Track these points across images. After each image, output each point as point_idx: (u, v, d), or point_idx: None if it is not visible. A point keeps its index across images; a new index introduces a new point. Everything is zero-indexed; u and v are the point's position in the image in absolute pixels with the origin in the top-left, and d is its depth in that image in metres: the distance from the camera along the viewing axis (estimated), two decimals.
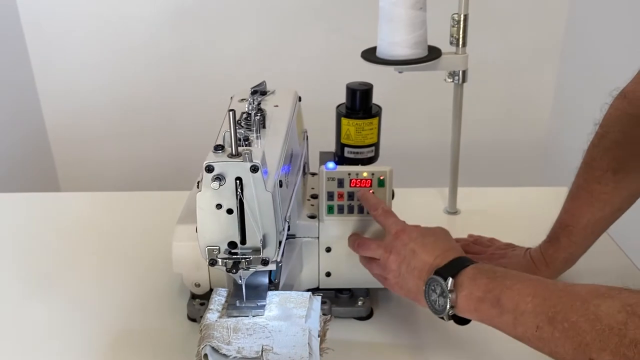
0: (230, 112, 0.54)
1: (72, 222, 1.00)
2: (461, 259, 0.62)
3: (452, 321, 0.61)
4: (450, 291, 0.58)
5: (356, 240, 0.72)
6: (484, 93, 1.61)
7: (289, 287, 0.73)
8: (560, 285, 0.54)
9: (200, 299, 0.74)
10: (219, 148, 0.56)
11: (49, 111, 1.76)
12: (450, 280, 0.59)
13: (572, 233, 0.77)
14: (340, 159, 0.86)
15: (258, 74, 1.68)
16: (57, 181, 1.84)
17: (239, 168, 0.55)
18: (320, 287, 0.76)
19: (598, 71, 1.46)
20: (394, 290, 0.68)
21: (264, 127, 0.68)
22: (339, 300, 0.76)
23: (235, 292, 0.65)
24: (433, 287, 0.61)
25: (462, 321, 0.61)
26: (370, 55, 0.87)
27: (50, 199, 1.12)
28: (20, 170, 1.66)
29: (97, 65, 1.70)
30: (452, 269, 0.60)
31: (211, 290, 0.74)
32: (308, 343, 0.59)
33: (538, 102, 1.73)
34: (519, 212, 1.00)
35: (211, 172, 0.55)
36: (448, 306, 0.58)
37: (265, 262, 0.59)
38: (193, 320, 0.74)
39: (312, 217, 0.76)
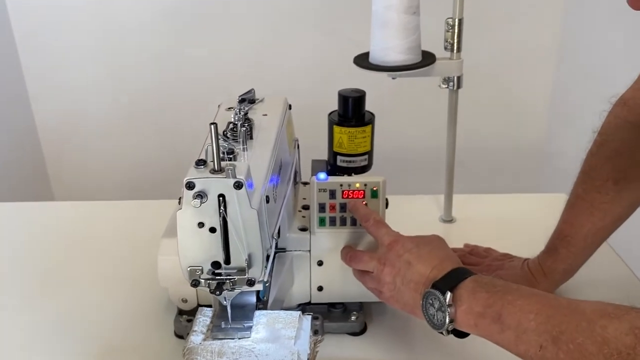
0: (212, 126, 0.51)
1: (61, 233, 0.98)
2: (459, 271, 0.59)
3: (450, 335, 0.58)
4: (449, 305, 0.56)
5: (348, 253, 0.70)
6: (479, 98, 1.59)
7: (279, 303, 0.71)
8: (563, 302, 0.52)
9: (187, 315, 0.72)
10: (200, 163, 0.54)
11: (40, 118, 1.74)
12: (448, 294, 0.57)
13: (571, 244, 0.75)
14: (333, 168, 0.84)
15: (250, 78, 1.67)
16: (50, 188, 1.82)
17: (222, 184, 0.53)
18: (312, 301, 0.74)
19: (594, 75, 1.44)
20: (389, 303, 0.66)
21: (251, 138, 0.65)
22: (331, 315, 0.74)
23: (220, 312, 0.63)
24: (431, 301, 0.58)
25: (461, 334, 0.59)
26: (363, 61, 0.85)
27: (41, 209, 1.10)
28: (12, 178, 1.64)
29: (88, 70, 1.68)
30: (450, 281, 0.58)
31: (199, 305, 0.71)
32: None
33: (534, 107, 1.72)
34: (515, 220, 0.99)
35: (192, 189, 0.53)
36: (447, 321, 0.56)
37: (251, 283, 0.57)
38: (180, 337, 0.72)
39: (303, 229, 0.74)
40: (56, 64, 1.67)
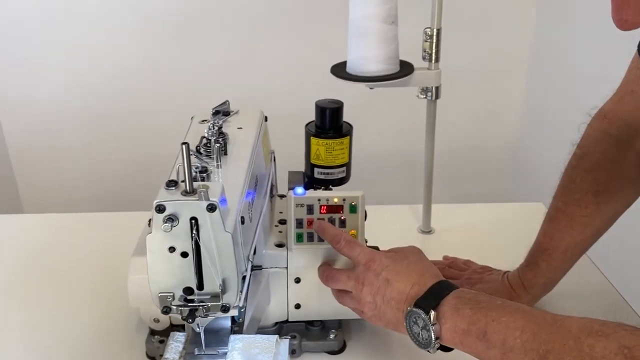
0: (183, 146, 0.49)
1: (29, 247, 0.94)
2: (440, 285, 0.58)
3: (427, 354, 0.57)
4: (434, 324, 0.55)
5: (325, 272, 0.68)
6: (453, 105, 1.59)
7: (255, 322, 0.69)
8: (549, 318, 0.51)
9: (159, 335, 0.70)
10: (171, 184, 0.51)
11: (8, 128, 1.69)
12: (432, 313, 0.55)
13: (551, 257, 0.75)
14: (310, 180, 0.82)
15: (224, 86, 1.64)
16: (18, 199, 1.77)
17: (194, 207, 0.50)
18: (290, 319, 0.72)
19: (567, 83, 1.46)
20: (372, 322, 0.64)
21: (225, 153, 0.63)
22: (309, 333, 0.72)
23: (193, 337, 0.60)
24: (414, 320, 0.57)
25: (447, 348, 0.57)
26: (340, 70, 0.83)
27: (8, 222, 1.06)
28: None
29: (58, 78, 1.64)
30: (432, 299, 0.57)
31: (172, 325, 0.69)
32: None
33: (507, 114, 1.74)
34: (494, 230, 0.98)
35: (162, 213, 0.50)
36: (433, 339, 0.55)
37: (225, 309, 0.54)
38: (152, 358, 0.70)
39: (279, 245, 0.72)
40: (25, 72, 1.63)
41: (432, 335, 0.55)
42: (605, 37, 1.21)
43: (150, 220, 0.52)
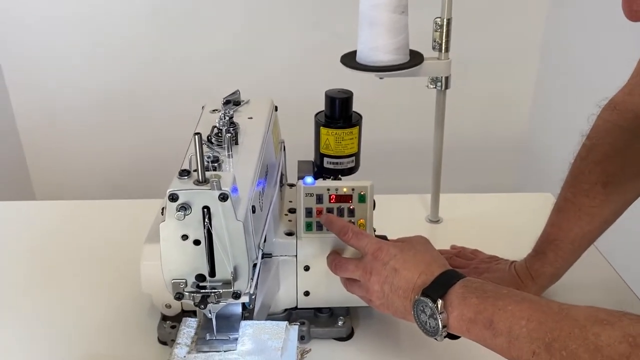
0: (196, 137, 0.49)
1: (42, 233, 0.96)
2: (447, 275, 0.59)
3: (435, 341, 0.58)
4: (441, 312, 0.56)
5: (334, 261, 0.69)
6: (463, 96, 1.59)
7: (265, 308, 0.70)
8: (555, 307, 0.52)
9: (171, 321, 0.71)
10: (184, 174, 0.52)
11: (20, 116, 1.71)
12: (439, 302, 0.56)
13: (559, 247, 0.75)
14: (320, 169, 0.82)
15: (234, 76, 1.64)
16: (31, 187, 1.79)
17: (207, 197, 0.51)
18: (299, 306, 0.73)
19: (578, 73, 1.45)
20: (380, 310, 0.65)
21: (236, 143, 0.64)
22: (318, 320, 0.73)
23: (205, 323, 0.61)
24: (422, 308, 0.58)
25: (454, 336, 0.58)
26: (350, 60, 0.83)
27: (21, 208, 1.07)
28: None
29: (69, 66, 1.65)
30: (439, 288, 0.57)
31: (183, 311, 0.70)
32: None
33: (518, 104, 1.73)
34: (502, 220, 0.99)
35: (175, 201, 0.51)
36: (440, 327, 0.56)
37: (237, 296, 0.55)
38: (164, 343, 0.71)
39: (289, 233, 0.73)
40: (35, 59, 1.63)
41: (440, 324, 0.56)
42: (616, 28, 1.20)
43: (163, 209, 0.53)
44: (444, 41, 0.84)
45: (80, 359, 0.70)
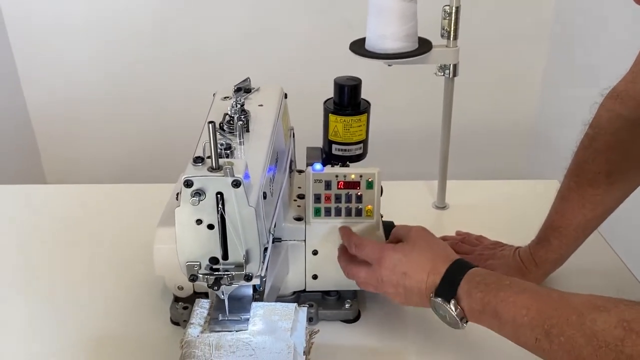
0: (210, 125, 0.51)
1: (54, 217, 0.98)
2: (453, 272, 0.61)
3: (441, 323, 0.62)
4: (456, 309, 0.59)
5: (345, 269, 0.70)
6: (472, 82, 1.58)
7: (275, 290, 0.72)
8: (554, 295, 0.54)
9: (183, 302, 0.73)
10: (198, 160, 0.54)
11: (32, 100, 1.72)
12: (452, 302, 0.60)
13: (562, 234, 0.76)
14: (328, 156, 0.84)
15: (243, 64, 1.65)
16: (42, 171, 1.81)
17: (220, 183, 0.53)
18: (307, 289, 0.75)
19: (587, 61, 1.44)
20: (403, 305, 0.67)
21: (247, 130, 0.65)
22: (325, 302, 0.75)
23: (217, 304, 0.63)
24: (437, 306, 0.61)
25: None
26: (359, 48, 0.84)
27: (34, 192, 1.09)
28: (3, 161, 1.62)
29: (80, 51, 1.66)
30: (448, 288, 0.60)
31: (195, 293, 0.72)
32: None
33: (527, 91, 1.72)
34: (508, 207, 1.00)
35: (190, 187, 0.53)
36: (459, 321, 0.59)
37: (249, 278, 0.57)
38: (176, 323, 0.73)
39: (298, 219, 0.74)
40: (47, 45, 1.64)
41: (457, 319, 0.59)
42: (627, 15, 1.20)
43: (178, 194, 0.55)
44: (452, 29, 0.84)
45: (94, 338, 0.72)
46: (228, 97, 0.72)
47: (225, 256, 0.57)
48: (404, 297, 0.65)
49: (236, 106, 0.65)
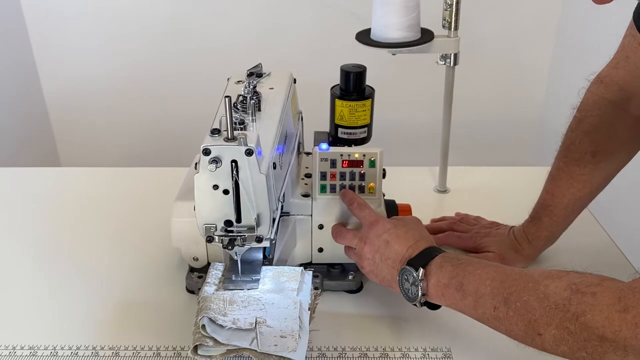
0: (226, 99, 0.56)
1: (72, 197, 1.02)
2: (430, 249, 0.65)
3: (423, 307, 0.65)
4: (421, 280, 0.62)
5: (335, 230, 0.76)
6: (477, 72, 1.62)
7: (282, 262, 0.77)
8: (517, 270, 0.58)
9: (198, 272, 0.78)
10: (215, 132, 0.59)
11: (47, 84, 1.77)
12: (421, 270, 0.63)
13: (553, 213, 0.80)
14: (334, 139, 0.88)
15: (254, 52, 1.69)
16: (57, 156, 1.87)
17: (235, 151, 0.58)
18: (313, 262, 0.80)
19: (592, 50, 1.46)
20: (369, 277, 0.71)
21: (259, 109, 0.71)
22: (330, 274, 0.80)
23: (231, 266, 0.69)
24: (406, 277, 0.65)
25: (433, 306, 0.65)
26: (364, 37, 0.89)
27: (50, 174, 1.14)
28: (20, 146, 1.68)
29: (95, 42, 1.71)
30: (422, 259, 0.64)
31: (208, 264, 0.77)
32: (299, 316, 0.63)
33: (531, 81, 1.74)
34: (507, 191, 1.03)
35: (208, 155, 0.58)
36: (420, 294, 0.63)
37: (259, 240, 0.63)
38: (191, 292, 0.78)
39: (305, 195, 0.79)
40: (63, 38, 1.70)
41: (420, 292, 0.62)
42: (634, 6, 1.22)
43: (196, 164, 0.60)
44: (453, 20, 0.89)
45: (114, 305, 0.77)
46: (241, 81, 0.78)
47: (238, 219, 0.62)
48: (374, 266, 0.68)
49: (249, 87, 0.70)
